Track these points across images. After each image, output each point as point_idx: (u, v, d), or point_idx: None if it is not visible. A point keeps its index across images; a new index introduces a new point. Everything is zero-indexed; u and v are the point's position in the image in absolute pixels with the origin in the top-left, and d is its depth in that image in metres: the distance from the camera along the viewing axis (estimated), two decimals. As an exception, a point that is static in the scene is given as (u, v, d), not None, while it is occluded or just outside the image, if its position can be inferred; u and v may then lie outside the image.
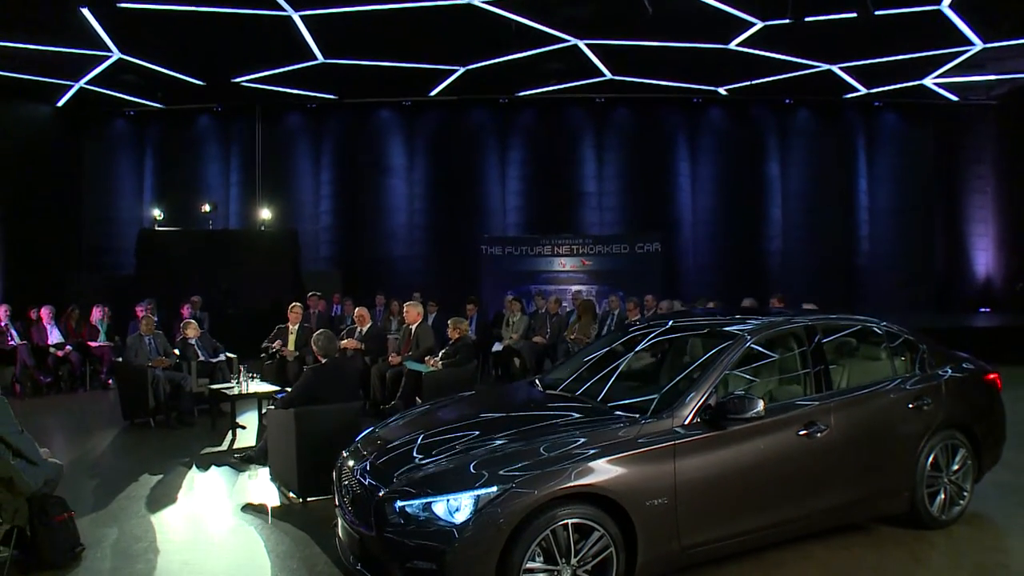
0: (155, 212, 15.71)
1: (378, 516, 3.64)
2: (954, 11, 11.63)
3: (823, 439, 4.30)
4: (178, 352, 9.17)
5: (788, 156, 17.78)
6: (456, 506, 3.48)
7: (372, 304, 12.40)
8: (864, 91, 16.46)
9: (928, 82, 15.75)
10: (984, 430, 5.07)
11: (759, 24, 12.18)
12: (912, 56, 13.90)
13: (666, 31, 12.61)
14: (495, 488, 3.49)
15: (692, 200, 17.70)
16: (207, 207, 15.44)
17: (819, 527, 4.48)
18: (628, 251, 15.92)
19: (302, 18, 11.92)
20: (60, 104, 16.35)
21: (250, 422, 8.17)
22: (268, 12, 11.61)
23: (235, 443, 7.66)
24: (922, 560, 4.45)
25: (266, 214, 16.25)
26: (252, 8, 11.49)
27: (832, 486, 4.37)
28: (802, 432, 4.26)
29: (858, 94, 16.73)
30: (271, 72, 14.95)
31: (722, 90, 16.77)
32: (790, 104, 17.56)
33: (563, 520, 3.55)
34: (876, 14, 10.55)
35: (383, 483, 3.74)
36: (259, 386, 7.70)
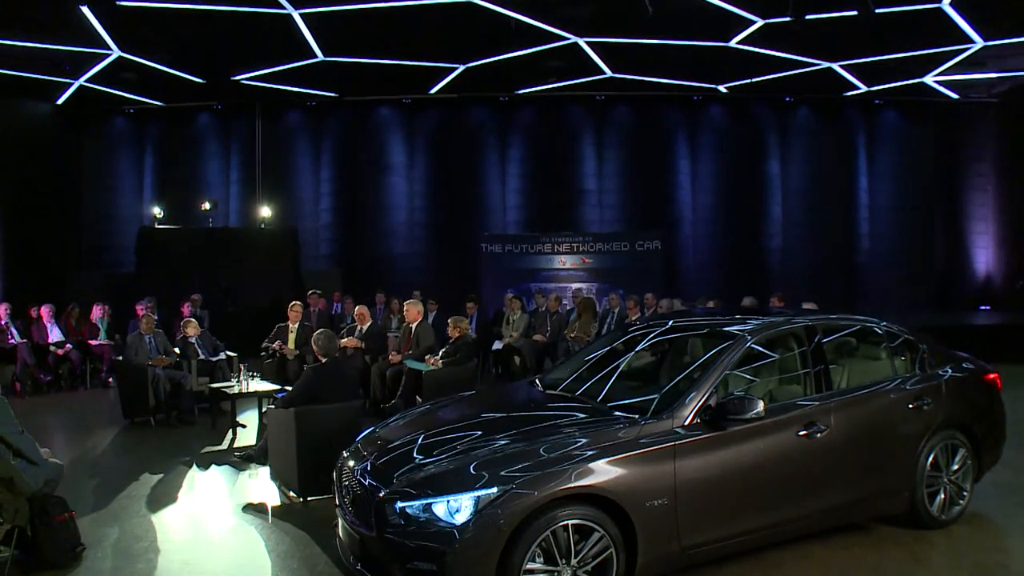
0: (155, 210, 15.70)
1: (378, 517, 3.65)
2: (954, 9, 11.61)
3: (823, 439, 4.31)
4: (178, 351, 9.19)
5: (788, 154, 17.76)
6: (456, 507, 3.49)
7: (372, 302, 12.39)
8: (864, 89, 16.45)
9: (928, 80, 15.73)
10: (984, 430, 5.07)
11: (759, 22, 12.17)
12: (912, 54, 13.87)
13: (666, 29, 12.60)
14: (495, 489, 3.50)
15: (692, 198, 17.69)
16: (207, 205, 15.44)
17: (819, 527, 4.49)
18: (628, 249, 15.91)
19: (302, 16, 11.90)
20: (60, 102, 16.33)
21: (250, 421, 8.18)
22: (268, 10, 11.59)
23: (235, 442, 7.67)
24: (922, 560, 4.46)
25: (266, 212, 16.25)
26: (252, 6, 11.47)
27: (832, 486, 4.37)
28: (802, 432, 4.26)
29: (858, 92, 16.71)
30: (271, 70, 14.92)
31: (722, 88, 16.75)
32: (790, 102, 17.54)
33: (563, 521, 3.56)
34: (876, 12, 10.53)
35: (383, 484, 3.75)
36: (259, 385, 7.71)
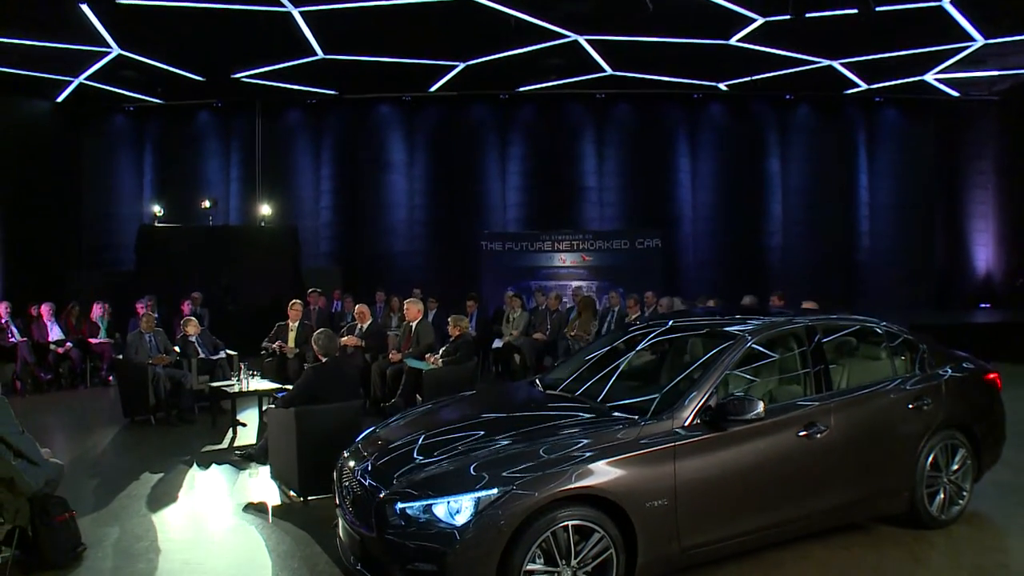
0: (155, 208, 15.66)
1: (379, 517, 3.65)
2: (955, 7, 11.60)
3: (823, 440, 4.31)
4: (178, 349, 9.20)
5: (788, 152, 17.74)
6: (457, 508, 3.49)
7: (372, 301, 12.39)
8: (865, 87, 16.43)
9: (929, 78, 15.71)
10: (984, 430, 5.08)
11: (760, 20, 12.16)
12: (913, 52, 13.85)
13: (667, 27, 12.59)
14: (496, 490, 3.50)
15: (692, 196, 17.67)
16: (207, 203, 15.42)
17: (819, 527, 4.49)
18: (628, 247, 15.91)
19: (302, 14, 11.89)
20: (59, 100, 16.32)
21: (250, 419, 8.19)
22: (268, 8, 11.58)
23: (236, 441, 7.68)
24: (921, 560, 4.47)
25: (266, 210, 16.24)
26: (252, 4, 11.46)
27: (832, 486, 4.38)
28: (802, 433, 4.26)
29: (859, 90, 16.70)
30: (271, 68, 14.90)
31: (723, 86, 16.73)
32: (791, 100, 17.51)
33: (563, 522, 3.56)
34: (877, 10, 10.51)
35: (384, 484, 3.75)
36: (259, 383, 7.72)
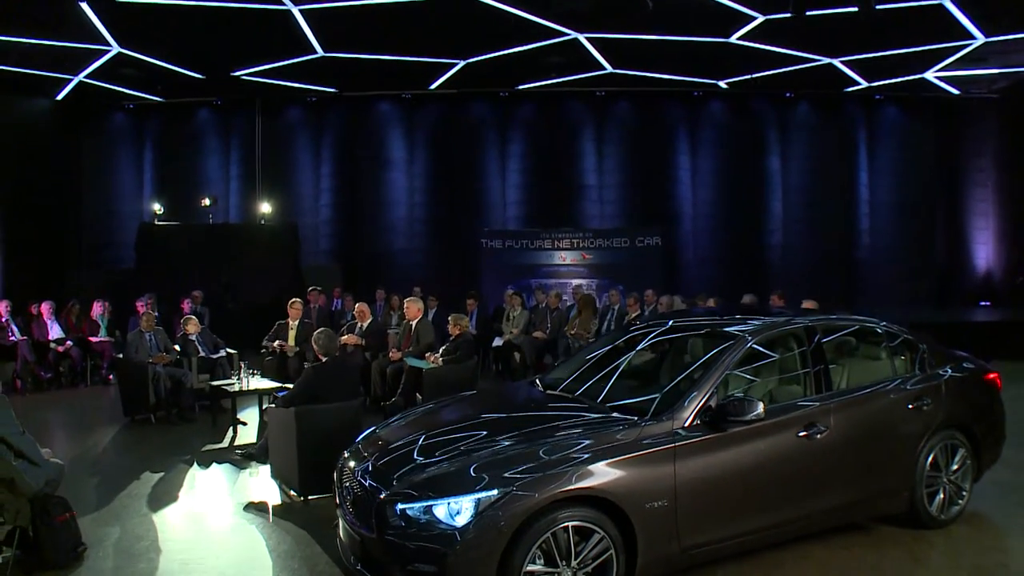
0: (155, 206, 15.69)
1: (379, 518, 3.66)
2: (955, 5, 11.58)
3: (823, 440, 4.31)
4: (179, 348, 9.20)
5: (789, 150, 17.72)
6: (457, 509, 3.50)
7: (372, 299, 12.39)
8: (865, 84, 16.41)
9: (929, 76, 15.69)
10: (984, 430, 5.08)
11: (760, 18, 12.15)
12: (913, 50, 13.83)
13: (667, 25, 12.57)
14: (496, 491, 3.50)
15: (692, 194, 17.66)
16: (207, 201, 15.43)
17: (819, 527, 4.50)
18: (628, 244, 15.92)
19: (302, 12, 11.87)
20: (59, 98, 16.30)
21: (251, 418, 8.19)
22: (268, 6, 11.56)
23: (236, 439, 7.68)
24: (921, 560, 4.47)
25: (266, 208, 16.25)
26: (251, 2, 11.44)
27: (832, 487, 4.38)
28: (802, 434, 4.27)
29: (859, 87, 16.67)
30: (271, 65, 14.87)
31: (723, 83, 16.72)
32: (791, 98, 17.48)
33: (564, 523, 3.56)
34: (877, 8, 10.50)
35: (384, 485, 3.76)
36: (260, 382, 7.71)
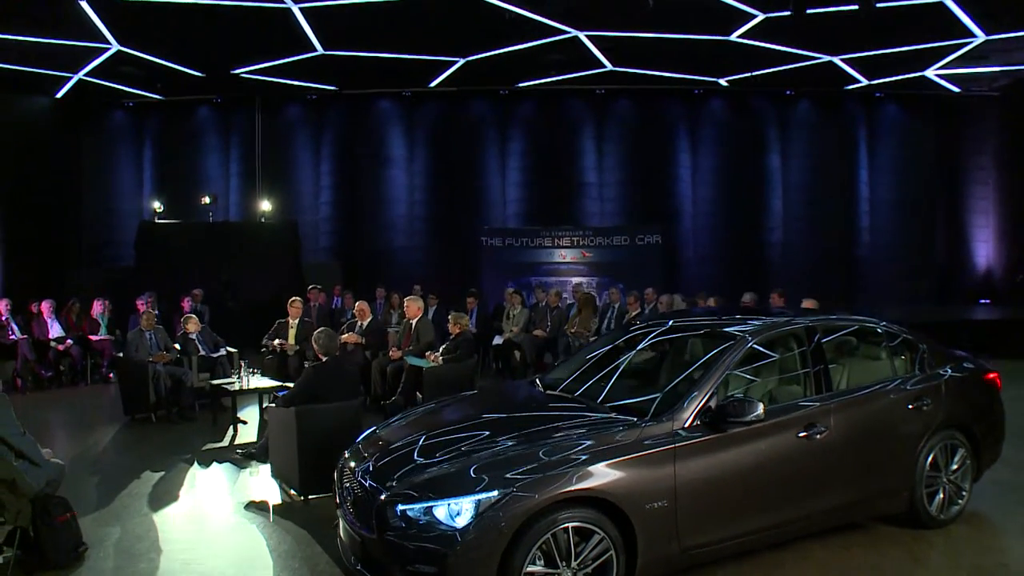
0: (155, 204, 15.67)
1: (379, 519, 3.66)
2: (956, 3, 11.57)
3: (823, 440, 4.31)
4: (179, 347, 9.20)
5: (789, 148, 17.71)
6: (457, 510, 3.50)
7: (372, 297, 12.39)
8: (865, 82, 16.38)
9: (930, 74, 15.67)
10: (983, 430, 5.08)
11: (760, 16, 12.13)
12: (914, 48, 13.82)
13: (667, 23, 12.55)
14: (496, 492, 3.51)
15: (692, 192, 17.66)
16: (207, 199, 15.41)
17: (819, 527, 4.50)
18: (628, 243, 15.92)
19: (301, 10, 11.86)
20: (59, 96, 16.29)
21: (251, 417, 8.21)
22: (267, 4, 11.55)
23: (236, 439, 7.68)
24: (921, 560, 4.48)
25: (266, 206, 16.24)
26: (251, 0, 11.43)
27: (832, 487, 4.39)
28: (802, 434, 4.27)
29: (859, 85, 16.66)
30: (271, 63, 14.87)
31: (723, 81, 16.70)
32: (791, 95, 17.46)
33: (564, 524, 3.57)
34: (877, 6, 10.49)
35: (384, 486, 3.76)
36: (260, 381, 7.72)
